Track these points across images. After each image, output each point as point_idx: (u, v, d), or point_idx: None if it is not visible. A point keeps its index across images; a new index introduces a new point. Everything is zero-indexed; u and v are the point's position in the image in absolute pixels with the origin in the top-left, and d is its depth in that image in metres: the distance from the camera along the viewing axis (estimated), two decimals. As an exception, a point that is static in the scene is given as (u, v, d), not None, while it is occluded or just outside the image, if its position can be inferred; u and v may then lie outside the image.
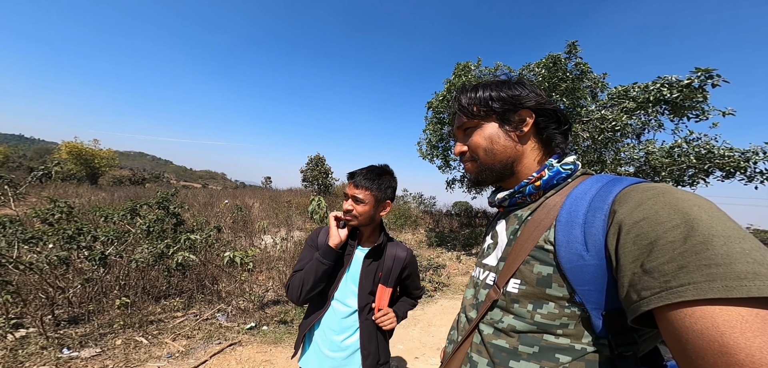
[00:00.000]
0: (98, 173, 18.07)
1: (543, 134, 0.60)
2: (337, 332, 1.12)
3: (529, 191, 0.58)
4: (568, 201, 0.51)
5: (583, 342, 0.47)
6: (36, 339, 2.37)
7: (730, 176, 5.71)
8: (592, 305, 0.45)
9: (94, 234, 3.43)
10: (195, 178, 52.16)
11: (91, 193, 10.23)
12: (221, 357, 2.54)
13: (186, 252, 3.58)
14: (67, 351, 2.29)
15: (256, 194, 12.29)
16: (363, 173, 1.10)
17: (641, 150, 6.28)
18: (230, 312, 3.42)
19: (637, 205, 0.40)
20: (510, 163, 0.61)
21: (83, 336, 2.53)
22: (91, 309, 2.89)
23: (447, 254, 7.90)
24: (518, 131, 0.60)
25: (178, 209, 4.59)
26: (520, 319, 0.52)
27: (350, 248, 1.14)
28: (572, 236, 0.47)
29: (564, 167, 0.57)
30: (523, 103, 0.59)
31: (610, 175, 0.52)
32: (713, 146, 5.69)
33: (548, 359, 0.49)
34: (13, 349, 2.23)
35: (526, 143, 0.61)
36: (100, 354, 2.33)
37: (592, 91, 6.97)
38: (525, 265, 0.52)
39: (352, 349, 1.12)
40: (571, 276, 0.46)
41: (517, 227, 0.58)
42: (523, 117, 0.60)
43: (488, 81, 0.64)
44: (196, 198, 10.12)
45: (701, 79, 5.28)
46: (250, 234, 6.53)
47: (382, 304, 1.14)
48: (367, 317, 1.13)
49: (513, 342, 0.52)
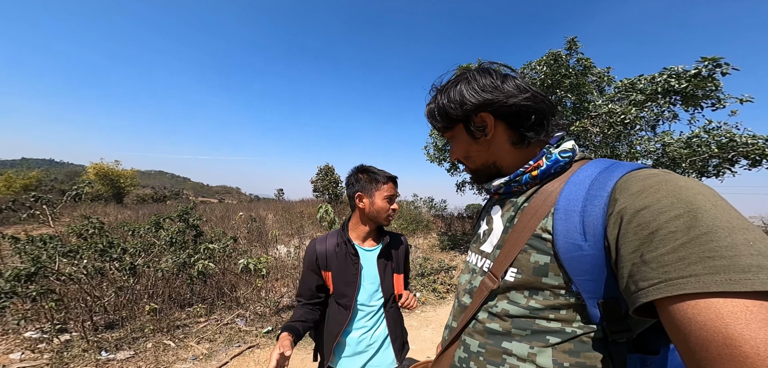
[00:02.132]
0: (123, 193, 19.10)
1: (513, 131, 0.56)
2: (366, 329, 1.15)
3: (526, 180, 0.56)
4: (567, 188, 0.49)
5: (574, 325, 0.47)
6: (78, 342, 2.61)
7: (756, 165, 5.46)
8: (589, 294, 0.45)
9: (123, 247, 3.71)
10: (211, 193, 53.79)
11: (118, 211, 10.84)
12: (241, 359, 2.69)
13: (205, 261, 3.80)
14: (105, 353, 2.51)
15: (270, 206, 12.65)
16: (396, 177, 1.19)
17: (657, 142, 6.11)
18: (248, 316, 3.58)
19: (638, 193, 0.39)
20: (491, 165, 0.60)
21: (118, 339, 2.75)
22: (124, 315, 3.12)
23: (460, 257, 7.84)
24: (484, 135, 0.57)
25: (196, 221, 4.87)
26: (515, 305, 0.52)
27: (355, 258, 1.13)
28: (570, 225, 0.46)
29: (562, 155, 0.54)
30: (471, 107, 0.55)
31: (610, 159, 0.51)
32: (735, 134, 5.47)
33: (539, 340, 0.49)
34: (59, 352, 2.47)
35: (498, 144, 0.58)
36: (134, 356, 2.53)
37: (599, 85, 6.87)
38: (522, 254, 0.51)
39: (381, 338, 1.17)
40: (569, 265, 0.45)
41: (514, 215, 0.56)
42: (485, 121, 0.56)
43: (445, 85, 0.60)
44: (213, 212, 10.54)
45: (709, 68, 5.14)
46: (264, 244, 6.76)
47: (400, 289, 1.20)
48: (392, 306, 1.19)
49: (506, 326, 0.52)
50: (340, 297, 1.14)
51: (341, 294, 1.13)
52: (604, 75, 6.86)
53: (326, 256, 1.15)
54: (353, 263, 1.13)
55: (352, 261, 1.13)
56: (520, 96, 0.54)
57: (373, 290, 1.16)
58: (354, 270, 1.12)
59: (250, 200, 23.38)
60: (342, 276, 1.13)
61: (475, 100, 0.55)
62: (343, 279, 1.13)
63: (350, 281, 1.12)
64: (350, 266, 1.13)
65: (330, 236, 1.20)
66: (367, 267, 1.16)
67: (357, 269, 1.12)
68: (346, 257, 1.14)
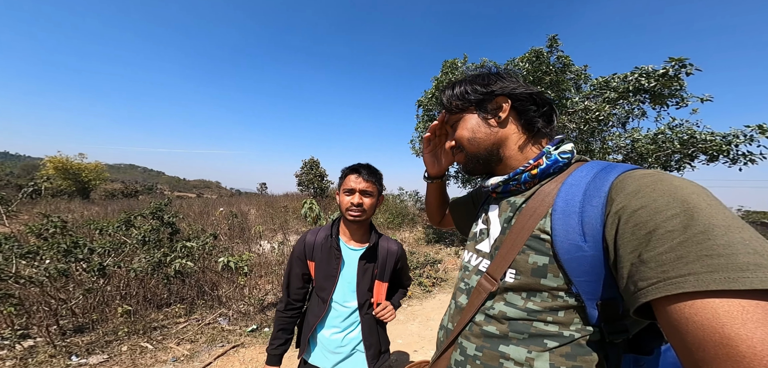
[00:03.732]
0: (89, 188, 17.80)
1: (522, 118, 0.60)
2: (340, 330, 1.15)
3: (525, 178, 0.57)
4: (564, 189, 0.50)
5: (572, 329, 0.47)
6: (44, 348, 2.43)
7: (713, 160, 5.94)
8: (588, 295, 0.45)
9: (90, 247, 3.47)
10: (189, 188, 51.38)
11: (84, 207, 10.11)
12: (225, 359, 2.62)
13: (183, 260, 3.64)
14: (76, 358, 2.35)
15: (252, 201, 12.27)
16: (366, 167, 1.11)
17: (627, 138, 6.50)
18: (231, 315, 3.48)
19: (634, 193, 0.39)
20: (495, 149, 0.61)
21: (89, 343, 2.58)
22: (94, 318, 2.93)
23: (445, 250, 8.02)
24: (497, 118, 0.60)
25: (172, 218, 4.63)
26: (512, 307, 0.52)
27: (337, 253, 1.13)
28: (569, 226, 0.46)
29: (562, 156, 0.55)
30: (496, 90, 0.60)
31: (605, 162, 0.52)
32: (695, 131, 5.92)
33: (536, 344, 0.49)
34: (23, 358, 2.28)
35: (507, 127, 0.60)
36: (108, 360, 2.39)
37: (576, 83, 7.19)
38: (520, 255, 0.51)
39: (354, 343, 1.16)
40: (569, 266, 0.45)
41: (511, 216, 0.56)
42: (500, 104, 0.60)
43: (465, 77, 0.65)
44: (191, 208, 10.07)
45: (675, 69, 5.52)
46: (247, 241, 6.57)
47: (380, 298, 1.17)
48: (367, 312, 1.16)
49: (503, 329, 0.52)
50: (320, 290, 1.16)
51: (321, 287, 1.16)
52: (581, 73, 7.17)
53: (313, 247, 1.17)
54: (335, 258, 1.13)
55: (335, 256, 1.14)
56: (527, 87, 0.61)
57: (348, 290, 1.15)
58: (335, 265, 1.13)
59: (231, 195, 22.59)
60: (324, 268, 1.15)
61: (497, 85, 0.60)
62: (324, 271, 1.15)
63: (331, 275, 1.14)
64: (332, 260, 1.14)
65: (323, 229, 1.21)
66: (348, 265, 1.15)
67: (338, 264, 1.13)
68: (330, 251, 1.15)
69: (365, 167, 1.12)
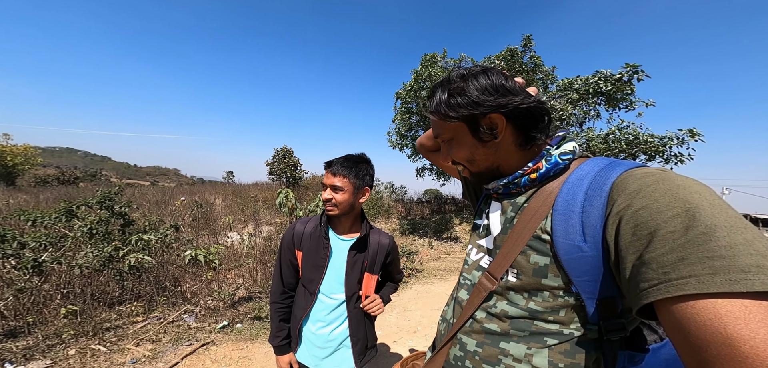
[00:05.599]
0: (15, 173, 15.33)
1: (521, 134, 0.55)
2: (326, 324, 1.13)
3: (524, 182, 0.55)
4: (566, 187, 0.49)
5: (572, 327, 0.48)
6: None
7: (651, 159, 6.76)
8: (588, 294, 0.45)
9: (21, 241, 2.98)
10: (141, 175, 46.66)
11: (9, 195, 8.70)
12: (195, 358, 2.43)
13: (139, 254, 3.28)
14: (10, 365, 2.02)
15: (218, 190, 11.45)
16: (340, 161, 1.09)
17: (583, 137, 7.13)
18: (199, 312, 3.24)
19: (635, 192, 0.39)
20: (495, 167, 0.59)
21: (26, 348, 2.24)
22: (30, 320, 2.54)
23: (419, 241, 8.22)
24: (493, 138, 0.55)
25: (124, 208, 4.15)
26: (514, 306, 0.52)
27: (327, 243, 1.12)
28: (570, 226, 0.46)
29: (563, 157, 0.53)
30: (487, 108, 0.52)
31: (607, 158, 0.50)
32: (639, 133, 6.66)
33: (536, 341, 0.50)
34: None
35: (505, 147, 0.56)
36: (52, 365, 2.09)
37: (544, 83, 7.69)
38: (522, 255, 0.51)
39: (341, 338, 1.14)
40: (569, 266, 0.45)
41: (513, 215, 0.55)
42: (495, 123, 0.54)
43: (448, 82, 0.57)
44: (145, 197, 9.14)
45: (629, 74, 6.14)
46: (213, 232, 6.13)
47: (368, 291, 1.16)
48: (355, 305, 1.14)
49: (504, 326, 0.52)
50: (307, 282, 1.14)
51: (309, 278, 1.13)
52: (549, 73, 7.66)
53: (302, 236, 1.15)
54: (324, 247, 1.12)
55: (323, 245, 1.12)
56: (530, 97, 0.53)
57: (337, 281, 1.13)
58: (323, 254, 1.12)
59: (192, 183, 20.86)
60: (312, 258, 1.13)
61: (491, 101, 0.52)
62: (312, 261, 1.13)
63: (319, 265, 1.12)
64: (321, 250, 1.12)
65: (313, 219, 1.18)
66: (337, 256, 1.14)
67: (326, 254, 1.11)
68: (319, 240, 1.13)
69: (340, 160, 1.10)
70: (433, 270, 5.77)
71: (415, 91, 8.41)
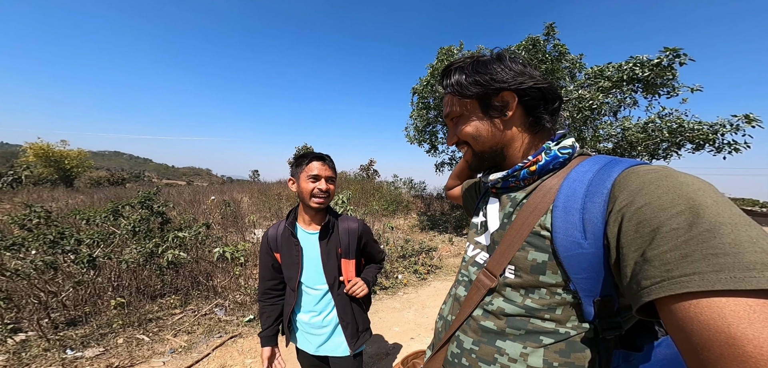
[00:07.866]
0: (72, 176, 17.21)
1: (530, 115, 0.55)
2: (317, 313, 1.20)
3: (524, 175, 0.55)
4: (566, 184, 0.49)
5: (568, 325, 0.48)
6: (36, 341, 2.39)
7: (699, 148, 6.12)
8: (585, 293, 0.45)
9: (78, 238, 3.37)
10: (178, 175, 50.30)
11: (68, 196, 9.79)
12: (223, 350, 2.62)
13: (176, 250, 3.58)
14: (71, 351, 2.32)
15: (245, 189, 12.09)
16: (326, 155, 1.17)
17: (618, 127, 6.61)
18: (228, 306, 3.48)
19: (638, 189, 0.38)
20: (499, 149, 0.58)
21: (84, 336, 2.55)
22: (87, 310, 2.89)
23: (439, 237, 8.13)
24: (503, 116, 0.55)
25: (162, 207, 4.52)
26: (511, 303, 0.52)
27: (296, 240, 1.16)
28: (570, 223, 0.45)
29: (562, 151, 0.53)
30: (501, 85, 0.53)
31: (609, 156, 0.50)
32: (684, 120, 6.05)
33: (532, 340, 0.50)
34: (16, 353, 2.25)
35: (513, 127, 0.56)
36: (104, 352, 2.37)
37: (571, 72, 7.20)
38: (520, 251, 0.50)
39: (333, 324, 1.20)
40: (568, 264, 0.45)
41: (512, 211, 0.55)
42: (506, 101, 0.54)
43: (462, 62, 0.58)
44: (181, 196, 9.87)
45: (669, 59, 5.58)
46: (240, 229, 6.50)
47: (349, 276, 1.21)
48: (339, 292, 1.19)
49: (501, 324, 0.53)
50: (288, 280, 1.21)
51: (288, 276, 1.20)
52: (576, 62, 7.17)
53: (276, 239, 1.21)
54: (294, 245, 1.17)
55: (294, 243, 1.17)
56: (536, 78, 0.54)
57: (316, 272, 1.18)
58: (295, 252, 1.17)
59: (222, 182, 22.24)
60: (287, 257, 1.19)
61: (507, 76, 0.54)
62: (288, 260, 1.19)
63: (294, 262, 1.17)
64: (293, 248, 1.17)
65: (282, 221, 1.25)
66: (309, 250, 1.18)
67: (298, 251, 1.17)
68: (289, 239, 1.18)
69: (325, 154, 1.18)
70: (453, 267, 5.69)
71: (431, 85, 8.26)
